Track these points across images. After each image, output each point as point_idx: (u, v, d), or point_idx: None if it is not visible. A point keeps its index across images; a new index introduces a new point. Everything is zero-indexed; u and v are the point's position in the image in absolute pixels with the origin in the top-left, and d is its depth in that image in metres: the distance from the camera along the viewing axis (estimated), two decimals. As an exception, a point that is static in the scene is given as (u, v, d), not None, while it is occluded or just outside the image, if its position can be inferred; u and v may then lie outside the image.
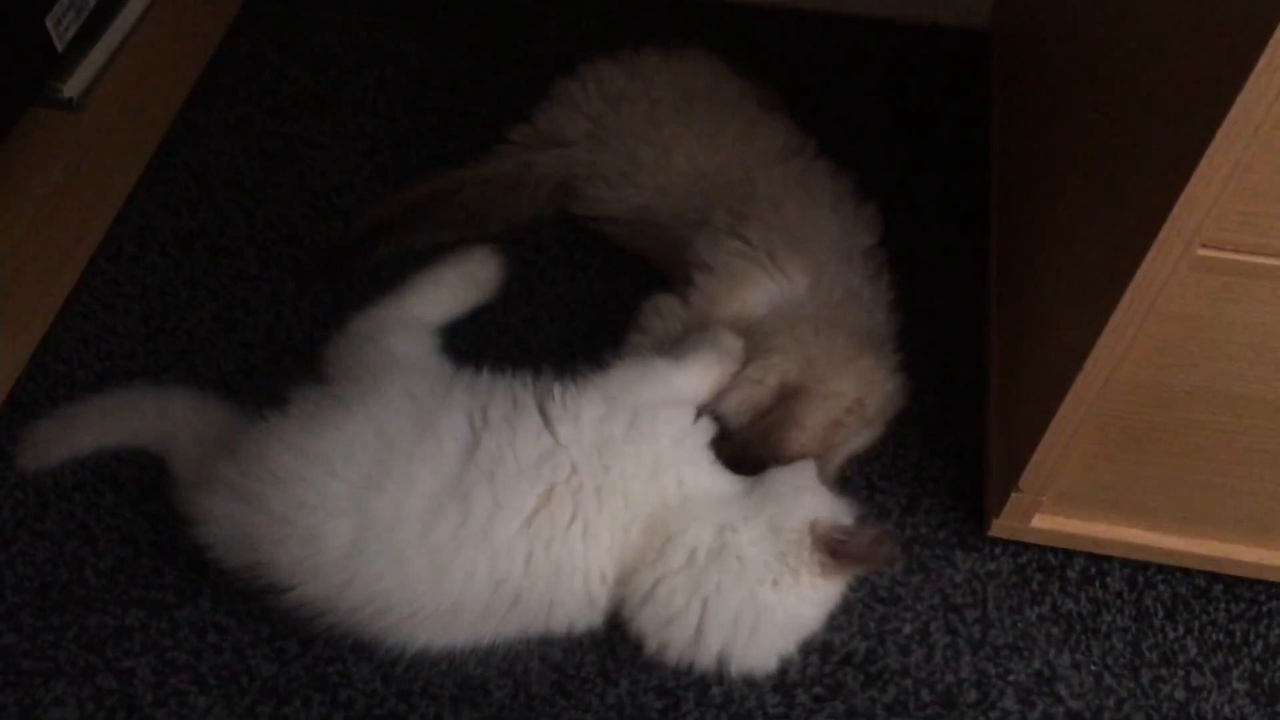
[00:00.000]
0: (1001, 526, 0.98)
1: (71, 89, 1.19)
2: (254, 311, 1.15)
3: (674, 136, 1.13)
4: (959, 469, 1.06)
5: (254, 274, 1.18)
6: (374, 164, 1.28)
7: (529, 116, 1.22)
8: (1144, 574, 1.00)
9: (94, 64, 1.22)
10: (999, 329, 1.10)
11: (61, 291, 1.16)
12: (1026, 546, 1.01)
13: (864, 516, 0.98)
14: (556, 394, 0.91)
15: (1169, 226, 0.68)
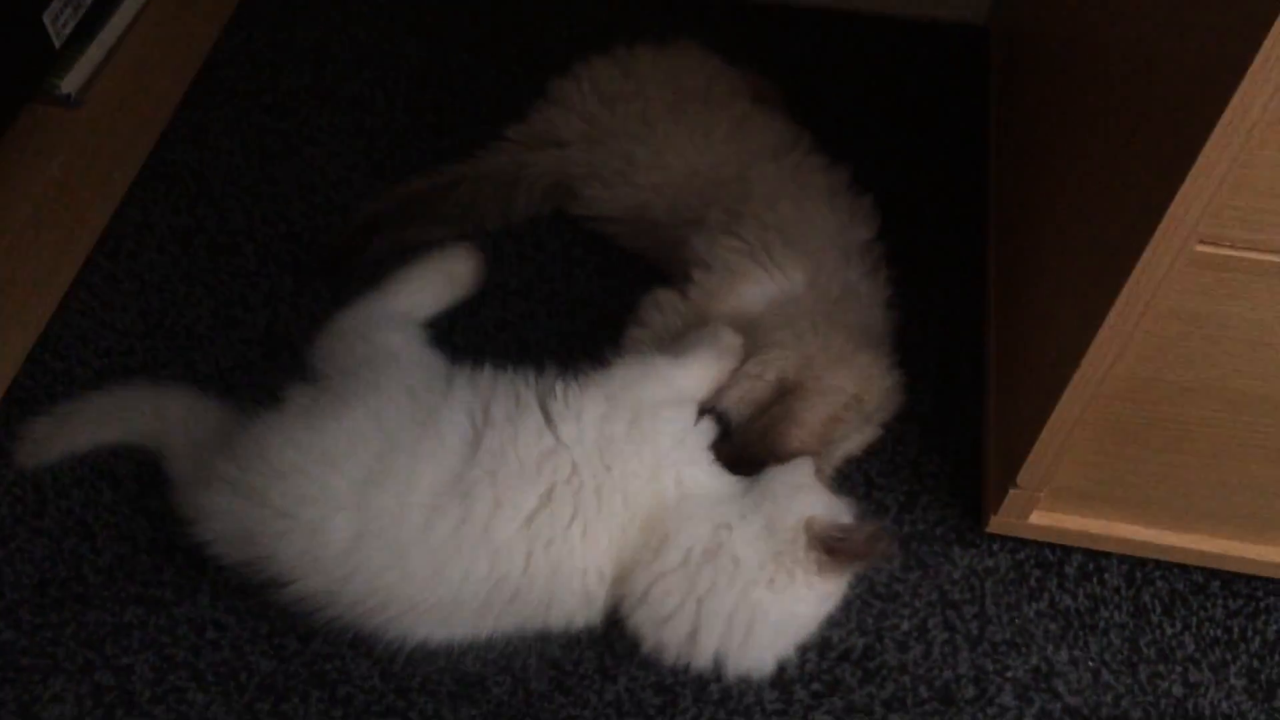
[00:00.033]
0: (999, 523, 0.98)
1: (69, 85, 1.19)
2: (252, 308, 1.15)
3: (667, 135, 1.13)
4: (957, 465, 1.06)
5: (252, 270, 1.18)
6: (372, 161, 1.28)
7: (525, 115, 1.21)
8: (1142, 570, 1.00)
9: (91, 60, 1.21)
10: (997, 325, 1.10)
11: (59, 288, 1.16)
12: (1024, 543, 1.01)
13: (862, 513, 0.97)
14: (558, 392, 0.90)
15: (1166, 222, 0.68)
